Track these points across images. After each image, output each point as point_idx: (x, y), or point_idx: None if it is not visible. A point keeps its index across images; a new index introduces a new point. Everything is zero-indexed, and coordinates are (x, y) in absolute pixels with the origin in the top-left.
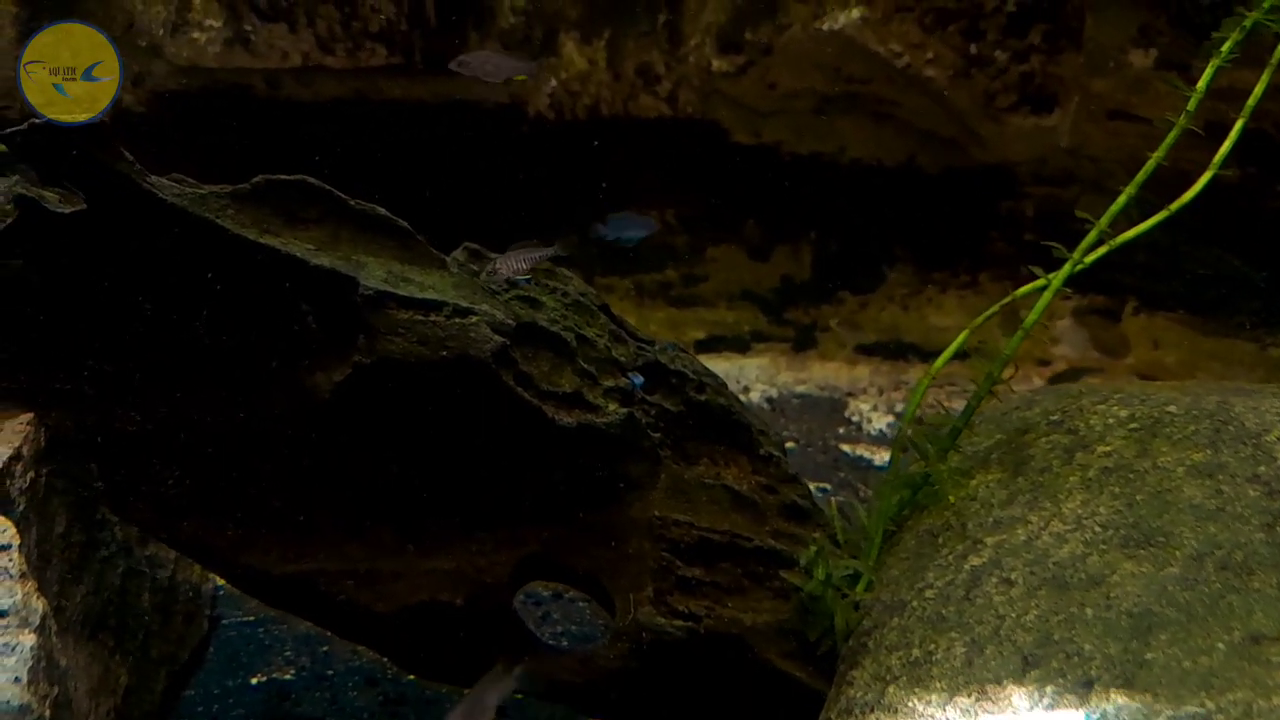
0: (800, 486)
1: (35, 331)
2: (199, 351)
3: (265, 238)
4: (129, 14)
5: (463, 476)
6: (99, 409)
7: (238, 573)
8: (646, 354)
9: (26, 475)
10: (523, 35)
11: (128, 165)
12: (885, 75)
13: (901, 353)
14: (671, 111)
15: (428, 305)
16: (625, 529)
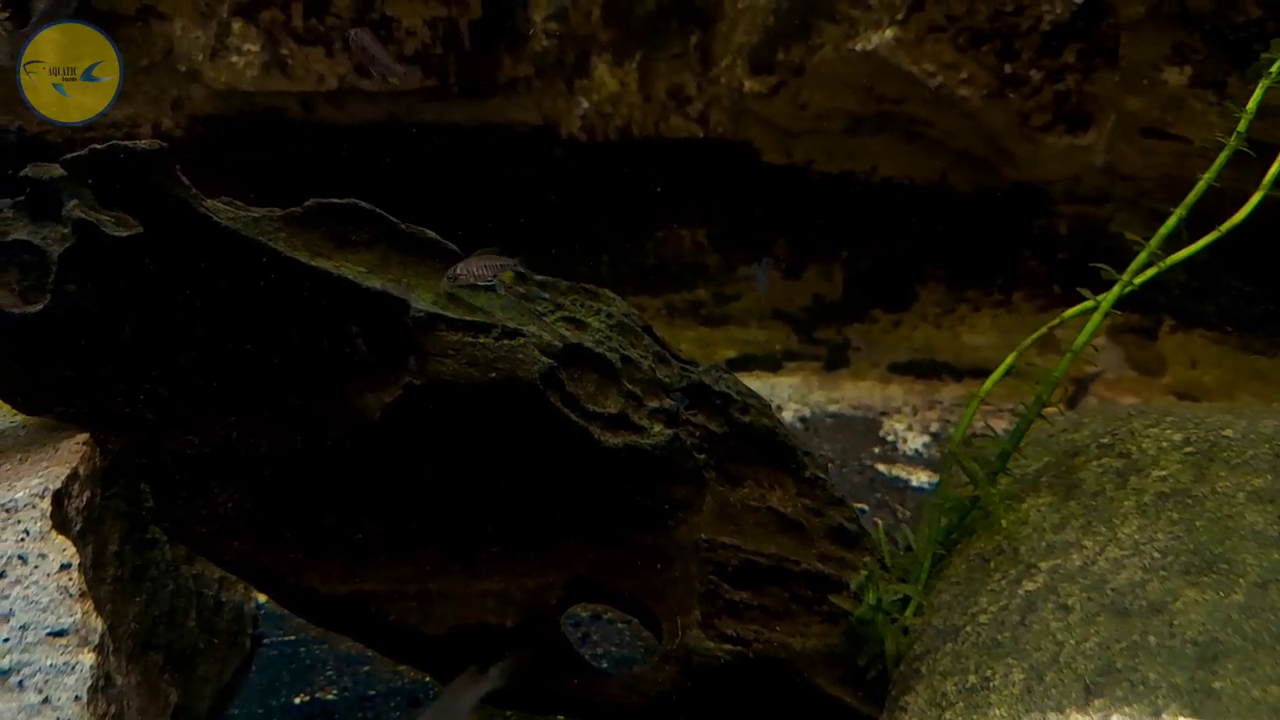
0: (847, 509)
1: (92, 354)
2: (250, 374)
3: (317, 260)
4: (168, 40)
5: (510, 497)
6: (153, 430)
7: (287, 593)
8: (690, 375)
9: (83, 495)
10: (555, 58)
11: (184, 189)
12: (918, 95)
13: (935, 371)
14: (702, 132)
15: (477, 327)
16: (671, 551)
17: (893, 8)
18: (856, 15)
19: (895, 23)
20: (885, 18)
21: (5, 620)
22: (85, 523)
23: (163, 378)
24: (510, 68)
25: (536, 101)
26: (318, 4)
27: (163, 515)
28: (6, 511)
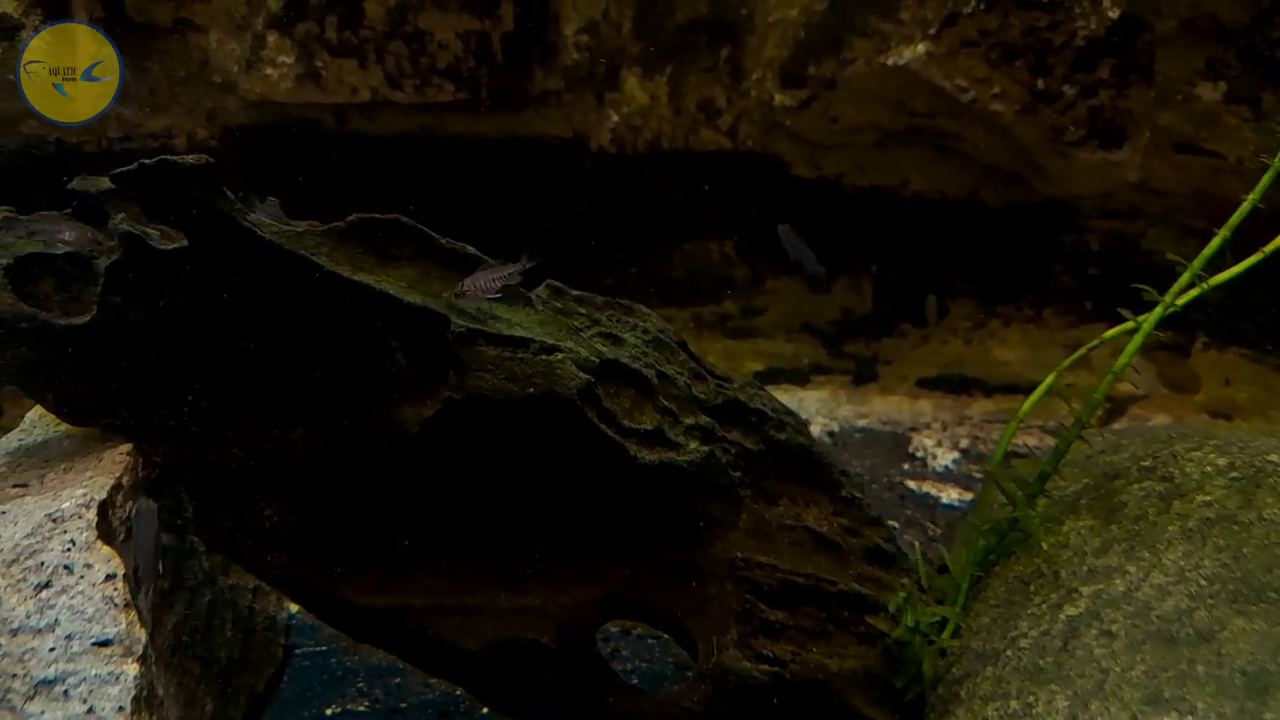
0: (883, 530)
1: (137, 366)
2: (291, 387)
3: (359, 275)
4: (204, 51)
5: (546, 512)
6: (196, 442)
7: (324, 605)
8: (725, 391)
9: (126, 505)
10: (586, 71)
11: (229, 203)
12: (950, 110)
13: (964, 387)
14: (732, 145)
15: (516, 342)
16: (706, 569)
17: (925, 23)
18: (888, 30)
19: (927, 37)
20: (917, 33)
21: (51, 630)
22: (128, 533)
23: (206, 390)
24: (541, 81)
25: (566, 114)
26: (351, 17)
27: (203, 526)
28: (53, 521)
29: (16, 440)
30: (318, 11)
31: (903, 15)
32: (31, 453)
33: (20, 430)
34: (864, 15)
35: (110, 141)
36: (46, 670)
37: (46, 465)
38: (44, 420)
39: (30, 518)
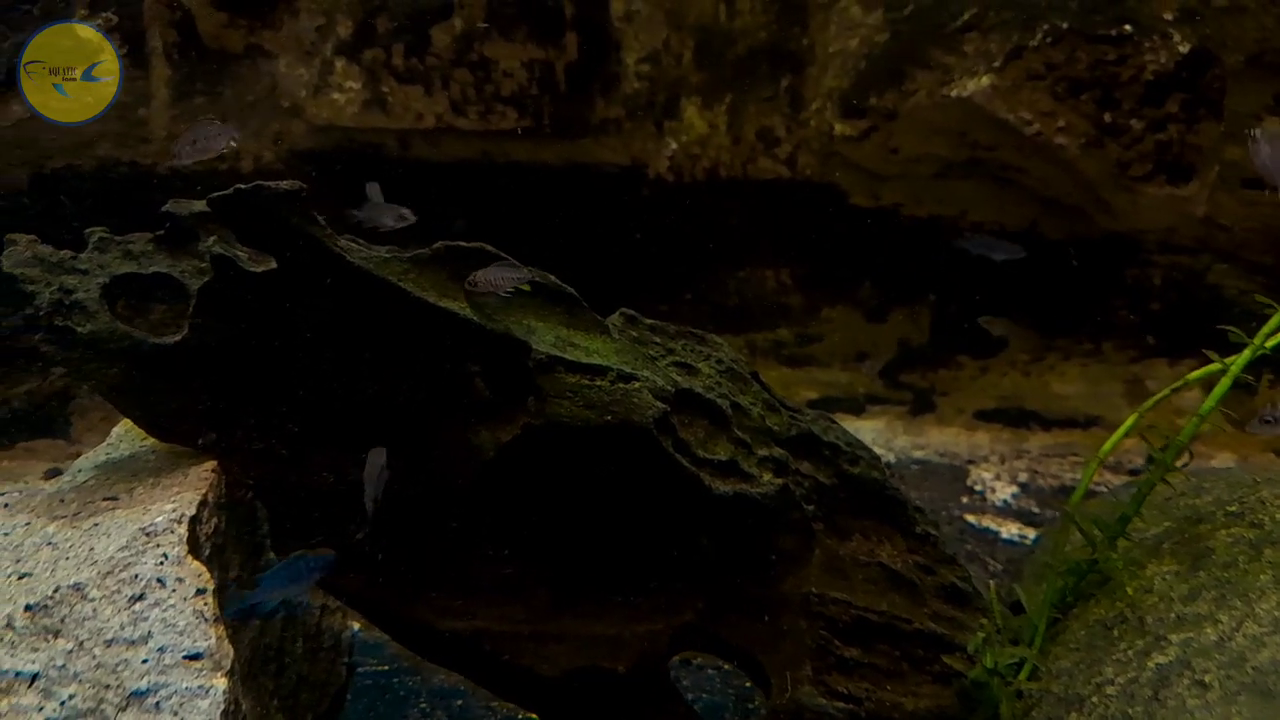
0: (959, 569)
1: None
2: (373, 410)
3: (444, 301)
4: (273, 77)
5: (620, 541)
6: (280, 462)
7: (400, 627)
8: (799, 423)
9: (211, 521)
10: (646, 100)
11: (320, 229)
12: (1012, 142)
13: (1023, 420)
14: (790, 174)
15: (594, 370)
16: (779, 603)
17: (989, 55)
18: (951, 62)
19: (992, 70)
20: (981, 65)
21: (144, 642)
22: (212, 549)
23: (291, 413)
24: (602, 109)
25: (625, 142)
26: (419, 44)
27: (281, 545)
28: (147, 535)
29: (104, 454)
30: (385, 39)
31: (966, 48)
32: (119, 466)
33: (107, 444)
34: (926, 47)
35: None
36: (139, 682)
37: (134, 479)
38: (130, 435)
39: (123, 530)
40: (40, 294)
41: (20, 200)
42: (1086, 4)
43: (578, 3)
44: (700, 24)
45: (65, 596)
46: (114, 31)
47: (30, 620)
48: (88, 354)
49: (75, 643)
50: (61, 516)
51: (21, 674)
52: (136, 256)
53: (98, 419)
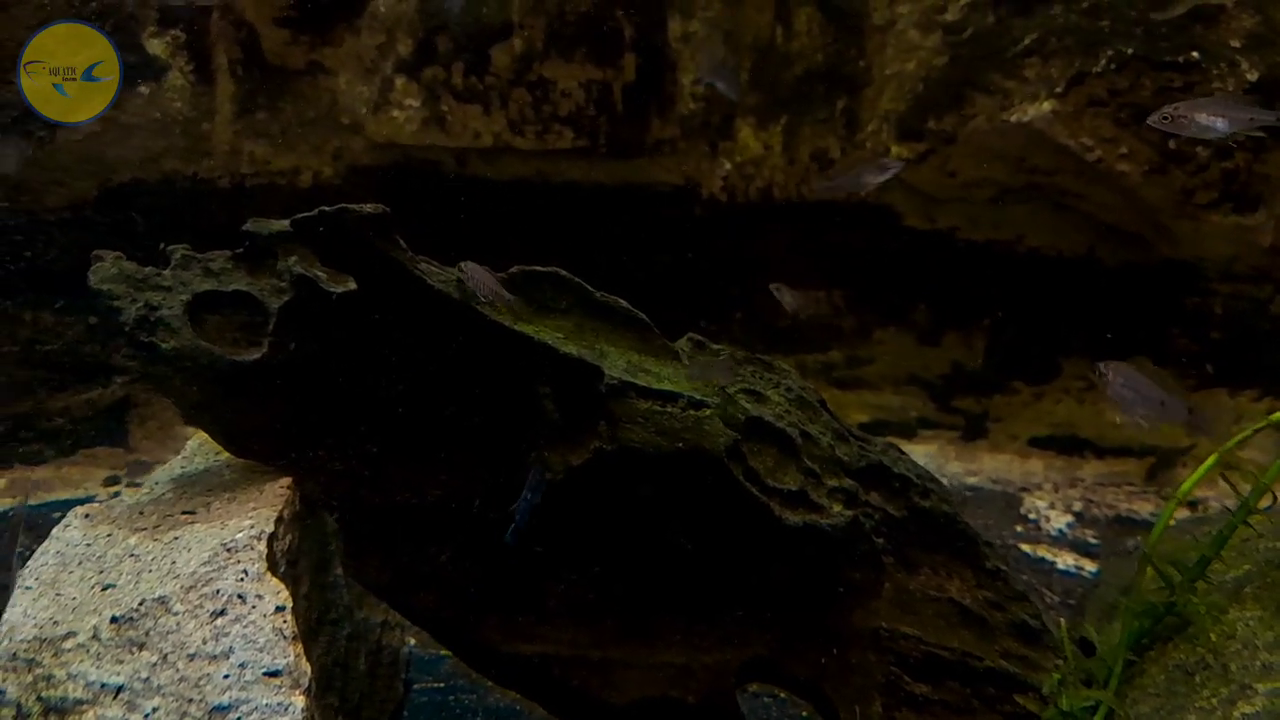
0: (1030, 605)
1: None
2: (444, 429)
3: (519, 325)
4: (334, 94)
5: (689, 569)
6: (355, 482)
7: (468, 648)
8: (869, 454)
9: (287, 538)
10: (701, 120)
11: (401, 252)
12: (1073, 168)
13: (1077, 448)
14: (844, 195)
15: (665, 396)
16: (848, 637)
17: (1050, 81)
18: (1012, 87)
19: (1054, 96)
20: (1043, 91)
21: (226, 657)
22: (287, 565)
23: (371, 432)
24: (658, 129)
25: (679, 162)
26: (478, 63)
27: (353, 563)
28: (228, 551)
29: (179, 467)
30: (445, 57)
31: (1027, 72)
32: (195, 480)
33: (182, 457)
34: (986, 71)
35: (242, 177)
36: (221, 697)
37: (210, 494)
38: (204, 448)
39: (203, 545)
40: (126, 309)
41: (85, 213)
42: (1152, 30)
43: (637, 24)
44: (757, 45)
45: (150, 609)
46: (182, 49)
47: (116, 632)
48: (171, 370)
49: (159, 656)
50: (142, 529)
51: (107, 685)
52: (216, 274)
53: (155, 428)
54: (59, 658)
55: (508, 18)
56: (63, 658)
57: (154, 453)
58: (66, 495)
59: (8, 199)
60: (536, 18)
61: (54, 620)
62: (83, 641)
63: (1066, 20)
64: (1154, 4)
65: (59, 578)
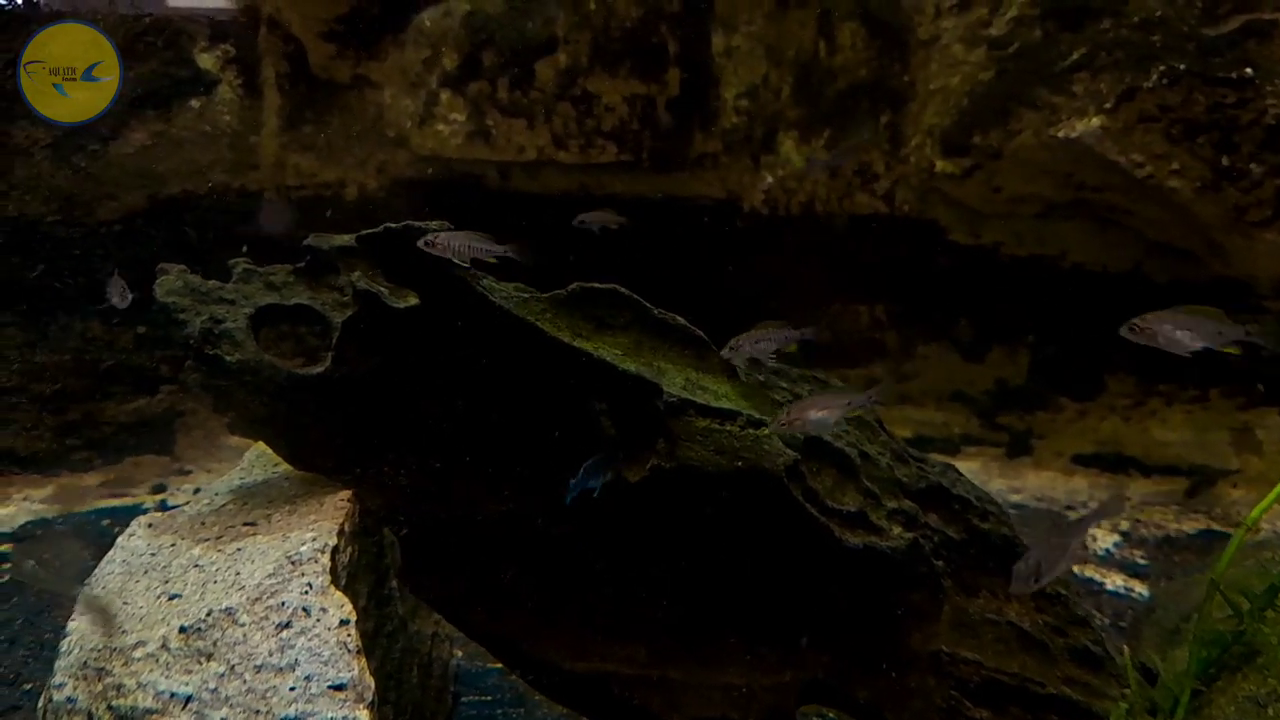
0: (1091, 631)
1: (365, 417)
2: (505, 446)
3: (578, 341)
4: (379, 107)
5: (747, 590)
6: (414, 495)
7: (526, 665)
8: (928, 475)
9: (347, 550)
10: (744, 134)
11: (463, 268)
12: (1122, 184)
13: (1122, 466)
14: (888, 209)
15: (724, 414)
16: (907, 660)
17: (1100, 96)
18: (1059, 102)
19: (1103, 111)
20: (1091, 106)
21: (291, 669)
22: (347, 578)
23: (431, 447)
24: (700, 143)
25: (722, 176)
26: (523, 78)
27: (411, 576)
28: (292, 564)
29: (238, 479)
30: (491, 72)
31: (1075, 88)
32: (254, 492)
33: (240, 469)
34: (1033, 87)
35: (288, 189)
36: (288, 709)
37: (271, 505)
38: (261, 460)
39: (266, 557)
40: (191, 322)
41: (135, 222)
42: (1205, 46)
43: (681, 39)
44: (800, 60)
45: (217, 620)
46: (232, 62)
47: (184, 642)
48: (235, 383)
49: (227, 666)
50: (205, 540)
51: (176, 695)
52: (278, 288)
53: (200, 437)
54: (129, 666)
55: (552, 33)
56: (132, 666)
57: (199, 462)
58: (114, 503)
59: (62, 212)
60: (581, 33)
61: (122, 629)
62: (152, 651)
63: (1116, 35)
64: (1206, 19)
65: (125, 586)
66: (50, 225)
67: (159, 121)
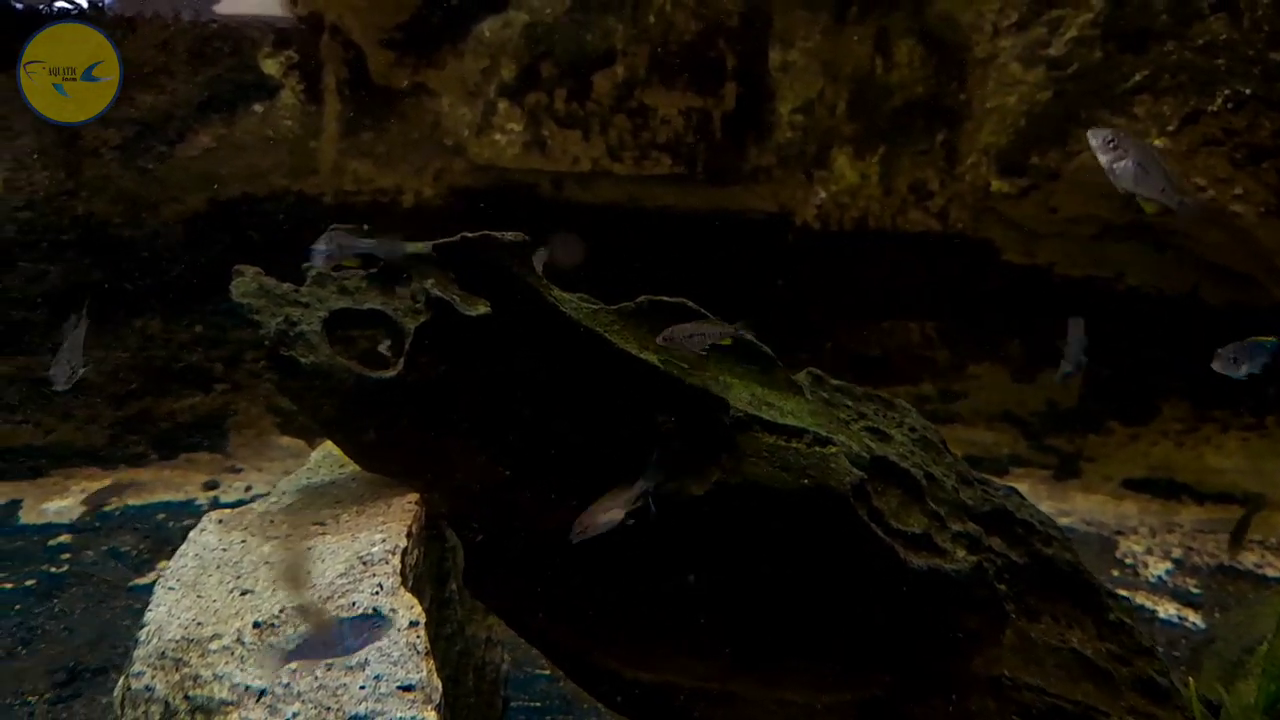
0: (1157, 661)
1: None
2: (572, 455)
3: (645, 354)
4: (437, 115)
5: (809, 607)
6: (479, 501)
7: (587, 673)
8: (992, 499)
9: (415, 552)
10: (798, 149)
11: (537, 279)
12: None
13: (1174, 492)
14: (941, 227)
15: (790, 431)
16: (967, 683)
17: (1162, 119)
18: (1120, 124)
19: (1165, 134)
20: (1153, 128)
21: (362, 669)
22: (414, 580)
23: (500, 454)
24: (754, 157)
25: (774, 190)
26: (580, 89)
27: (473, 580)
28: (364, 564)
29: (305, 478)
30: (549, 83)
31: (1137, 110)
32: (321, 492)
33: (307, 469)
34: (1093, 107)
35: (345, 194)
36: (358, 707)
37: (339, 506)
38: (328, 460)
39: (337, 557)
40: (266, 323)
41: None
42: (1271, 70)
43: (739, 53)
44: (856, 76)
45: (290, 617)
46: (294, 69)
47: (259, 637)
48: (310, 384)
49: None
50: (274, 537)
51: (251, 688)
52: (351, 292)
53: (252, 435)
54: (205, 659)
55: (611, 45)
56: (209, 659)
57: (250, 460)
58: (169, 497)
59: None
60: (639, 46)
61: (198, 622)
62: (228, 644)
63: (1180, 57)
64: (1272, 43)
65: (199, 580)
66: (117, 226)
67: (223, 125)
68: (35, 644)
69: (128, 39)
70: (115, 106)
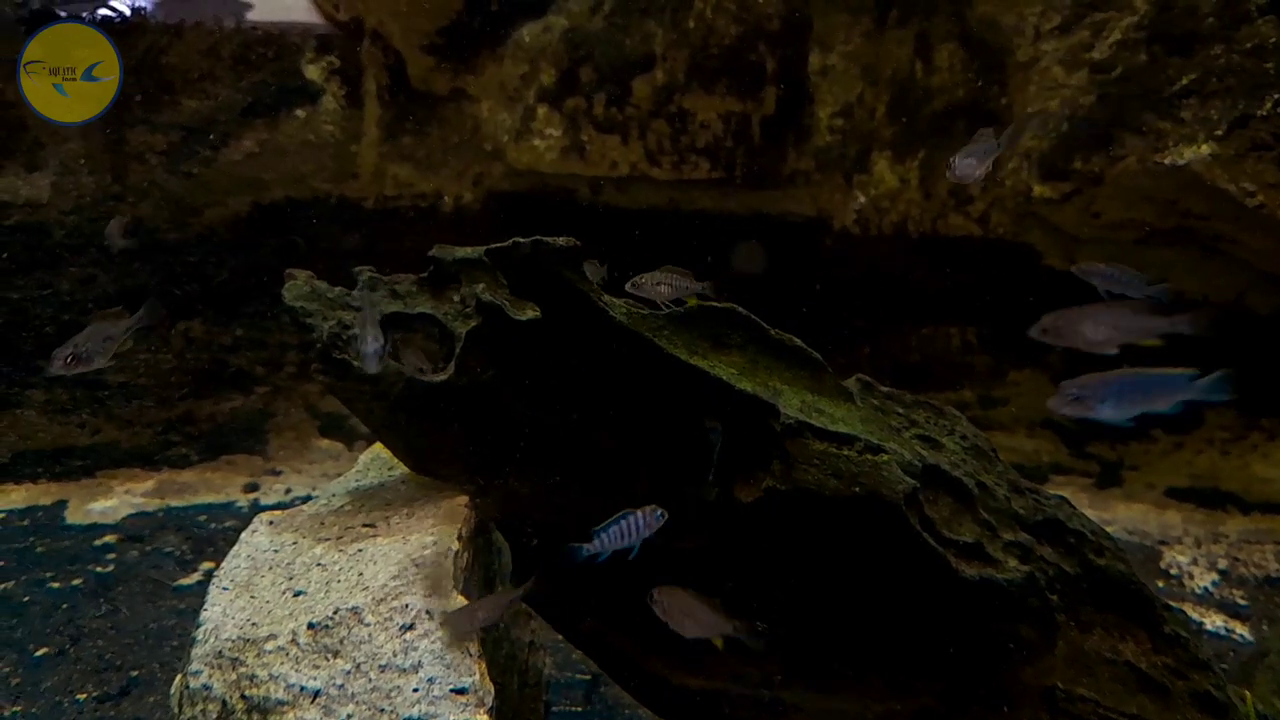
0: (1213, 676)
1: (485, 425)
2: (620, 460)
3: (694, 359)
4: (476, 120)
5: (860, 616)
6: (530, 504)
7: (635, 678)
8: (1044, 508)
9: (464, 555)
10: (838, 153)
11: (586, 284)
12: (1230, 213)
13: (1219, 502)
14: (982, 232)
15: (841, 439)
16: (1018, 694)
17: (1210, 123)
18: (1166, 128)
19: (1213, 139)
20: (1201, 133)
21: (415, 671)
22: (464, 583)
23: (550, 458)
24: (793, 161)
25: (813, 194)
26: (619, 94)
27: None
28: (416, 566)
29: (354, 480)
30: (588, 88)
31: (1183, 114)
32: (371, 494)
33: (356, 471)
34: (1138, 112)
35: (385, 199)
36: (411, 709)
37: (389, 508)
38: (376, 462)
39: (388, 559)
40: (319, 326)
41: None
42: None
43: (779, 57)
44: (896, 80)
45: (344, 619)
46: (335, 74)
47: (313, 638)
48: (361, 387)
49: (353, 664)
50: (325, 539)
51: (306, 689)
52: (402, 296)
53: (292, 438)
54: (261, 659)
55: (650, 50)
56: (265, 659)
57: (290, 463)
58: (210, 499)
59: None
60: (679, 50)
61: (252, 622)
62: (283, 645)
63: (1228, 61)
64: None
65: (252, 580)
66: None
67: (266, 130)
68: (84, 642)
69: (174, 45)
70: (160, 112)
